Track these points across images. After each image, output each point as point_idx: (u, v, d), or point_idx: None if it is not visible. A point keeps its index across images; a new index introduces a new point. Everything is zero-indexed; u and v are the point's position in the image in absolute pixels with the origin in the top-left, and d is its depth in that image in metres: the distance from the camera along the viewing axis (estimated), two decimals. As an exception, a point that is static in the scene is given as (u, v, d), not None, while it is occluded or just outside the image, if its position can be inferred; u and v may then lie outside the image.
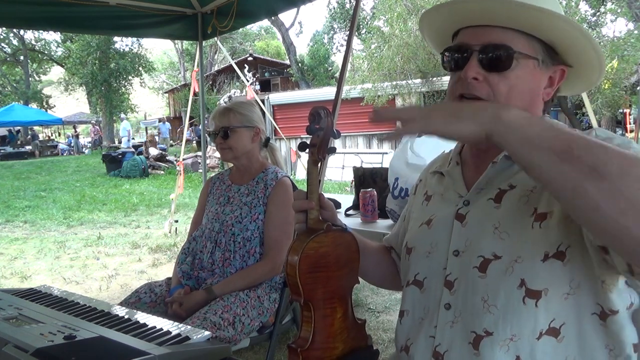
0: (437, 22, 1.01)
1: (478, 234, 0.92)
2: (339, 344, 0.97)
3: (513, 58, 0.89)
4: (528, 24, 0.89)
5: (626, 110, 11.41)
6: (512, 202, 0.89)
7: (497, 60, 0.89)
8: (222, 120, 2.10)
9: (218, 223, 2.07)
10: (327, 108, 1.00)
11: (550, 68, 0.94)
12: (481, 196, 0.95)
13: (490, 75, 0.90)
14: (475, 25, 0.93)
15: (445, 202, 1.03)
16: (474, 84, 0.91)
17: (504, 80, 0.90)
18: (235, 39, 33.66)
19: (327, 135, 0.98)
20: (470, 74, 0.91)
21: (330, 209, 1.05)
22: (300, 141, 1.01)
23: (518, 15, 0.88)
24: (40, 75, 34.68)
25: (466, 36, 0.95)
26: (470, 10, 0.92)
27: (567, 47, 0.92)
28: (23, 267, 5.09)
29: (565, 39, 0.90)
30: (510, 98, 0.90)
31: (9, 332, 0.94)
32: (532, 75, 0.91)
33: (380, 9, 12.01)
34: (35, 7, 3.21)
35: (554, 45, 0.92)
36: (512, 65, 0.89)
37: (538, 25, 0.89)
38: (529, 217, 0.86)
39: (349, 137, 12.81)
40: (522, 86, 0.91)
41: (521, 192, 0.89)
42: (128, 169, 13.60)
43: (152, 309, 1.95)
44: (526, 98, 0.92)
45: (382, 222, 2.59)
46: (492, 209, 0.92)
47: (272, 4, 3.49)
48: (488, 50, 0.90)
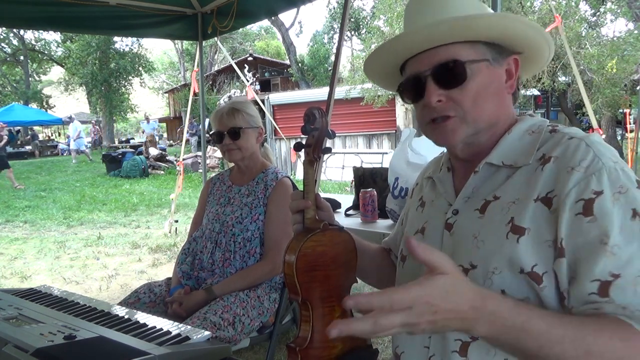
0: (382, 62, 1.02)
1: (462, 243, 0.92)
2: (337, 343, 0.97)
3: (466, 68, 0.90)
4: (466, 34, 0.90)
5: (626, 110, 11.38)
6: (494, 213, 0.89)
7: (453, 76, 0.90)
8: (231, 121, 2.07)
9: (218, 223, 2.07)
10: (321, 108, 1.01)
11: (503, 62, 0.95)
12: (469, 205, 0.95)
13: (451, 92, 0.91)
14: (419, 53, 0.94)
15: (436, 210, 1.03)
16: (440, 106, 0.92)
17: (466, 92, 0.91)
18: (235, 39, 33.64)
19: (322, 135, 0.99)
20: (432, 99, 0.91)
21: (326, 209, 1.05)
22: (296, 141, 1.02)
23: (453, 30, 0.89)
24: (40, 75, 34.65)
25: (414, 65, 0.95)
26: (410, 41, 0.93)
27: (509, 38, 0.93)
28: (23, 267, 5.09)
29: (503, 32, 0.91)
30: (477, 106, 0.91)
31: (9, 332, 0.94)
32: (489, 76, 0.92)
33: (380, 8, 11.99)
34: (35, 7, 3.21)
35: (497, 42, 0.93)
36: (467, 75, 0.90)
37: (475, 31, 0.90)
38: (505, 225, 0.86)
39: (349, 137, 12.80)
40: (485, 91, 0.91)
41: (504, 203, 0.89)
42: (128, 169, 13.60)
43: (152, 309, 1.95)
44: (493, 100, 0.93)
45: (382, 222, 2.59)
46: (477, 219, 0.92)
47: (272, 4, 3.49)
48: (440, 70, 0.91)
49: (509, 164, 0.91)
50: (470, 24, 0.89)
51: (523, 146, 0.92)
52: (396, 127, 12.09)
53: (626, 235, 0.76)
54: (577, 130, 0.89)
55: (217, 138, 2.11)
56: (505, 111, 0.95)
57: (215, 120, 2.12)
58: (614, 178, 0.79)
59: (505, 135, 0.94)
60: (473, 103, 0.91)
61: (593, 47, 9.80)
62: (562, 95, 12.55)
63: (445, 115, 0.92)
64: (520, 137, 0.93)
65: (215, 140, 2.13)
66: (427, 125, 0.96)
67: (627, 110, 11.39)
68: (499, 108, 0.94)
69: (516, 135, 0.94)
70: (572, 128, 0.91)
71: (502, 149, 0.93)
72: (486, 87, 0.92)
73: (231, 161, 2.17)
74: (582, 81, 4.90)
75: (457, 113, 0.91)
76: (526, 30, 0.92)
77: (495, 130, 0.95)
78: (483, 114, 0.92)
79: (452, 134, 0.93)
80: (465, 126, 0.92)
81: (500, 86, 0.94)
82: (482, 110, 0.92)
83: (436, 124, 0.94)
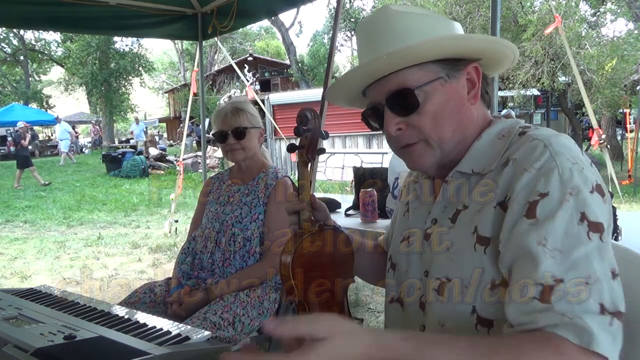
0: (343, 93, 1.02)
1: (437, 255, 0.91)
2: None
3: (415, 95, 0.88)
4: (413, 58, 0.88)
5: (626, 110, 11.39)
6: (463, 223, 0.88)
7: (405, 103, 0.89)
8: (235, 120, 2.06)
9: (218, 223, 2.07)
10: (314, 110, 1.02)
11: (461, 73, 0.92)
12: (445, 215, 0.93)
13: (409, 118, 0.90)
14: (374, 81, 0.93)
15: (418, 218, 1.02)
16: (401, 134, 0.91)
17: (424, 115, 0.89)
18: (235, 39, 33.64)
19: (315, 136, 1.00)
20: (391, 129, 0.91)
21: (322, 209, 1.05)
22: (289, 143, 1.02)
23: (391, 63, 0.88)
24: (40, 75, 34.66)
25: (372, 94, 0.95)
26: (361, 73, 0.92)
27: (460, 53, 0.91)
28: (23, 267, 5.09)
29: (444, 52, 0.89)
30: (438, 128, 0.89)
31: (9, 332, 0.94)
32: (445, 94, 0.89)
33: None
34: (35, 7, 3.21)
35: (448, 58, 0.90)
36: (419, 101, 0.88)
37: (422, 54, 0.88)
38: (471, 235, 0.85)
39: (349, 137, 12.81)
40: (443, 109, 0.89)
41: (471, 212, 0.87)
42: (128, 169, 13.60)
43: (152, 309, 1.94)
44: (454, 116, 0.90)
45: (382, 222, 2.59)
46: (450, 229, 0.90)
47: (272, 4, 3.49)
48: (393, 99, 0.90)
49: (477, 171, 0.90)
50: (406, 55, 0.86)
51: (492, 152, 0.89)
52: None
53: (571, 239, 0.73)
54: (545, 131, 0.86)
55: (220, 138, 2.10)
56: (472, 121, 0.93)
57: (218, 119, 2.10)
58: (565, 179, 0.76)
59: (474, 143, 0.92)
60: (433, 125, 0.89)
61: (593, 47, 9.81)
62: (562, 95, 12.55)
63: (407, 143, 0.92)
64: (490, 143, 0.91)
65: (218, 140, 2.12)
66: (398, 151, 0.96)
67: (627, 110, 11.40)
68: (463, 122, 0.91)
69: (485, 142, 0.91)
70: (542, 129, 0.88)
71: (471, 157, 0.91)
72: (444, 105, 0.89)
73: (234, 161, 2.16)
74: (582, 81, 4.91)
75: (419, 138, 0.90)
76: (468, 44, 0.91)
77: (464, 141, 0.93)
78: (446, 133, 0.90)
79: (419, 159, 0.93)
80: (431, 150, 0.91)
81: (460, 100, 0.91)
82: (444, 130, 0.90)
83: (404, 149, 0.94)
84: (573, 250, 0.73)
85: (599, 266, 0.73)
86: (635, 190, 8.11)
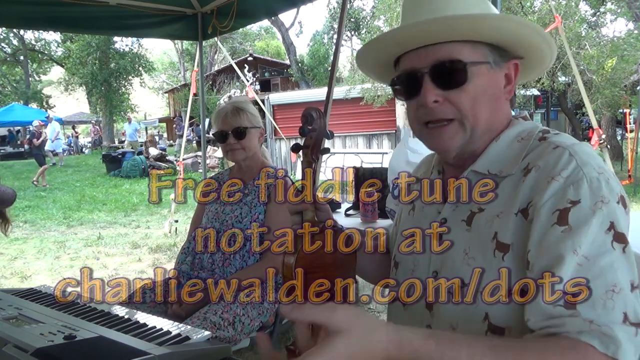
0: (375, 55, 0.97)
1: (451, 257, 0.90)
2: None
3: (467, 70, 0.86)
4: (469, 33, 0.86)
5: (626, 110, 11.39)
6: (480, 226, 0.87)
7: (452, 76, 0.86)
8: (235, 120, 2.06)
9: (218, 222, 2.07)
10: (319, 109, 1.00)
11: (504, 66, 0.91)
12: (457, 214, 0.92)
13: (449, 93, 0.86)
14: (417, 48, 0.88)
15: (426, 217, 1.00)
16: (436, 107, 0.87)
17: (465, 94, 0.86)
18: (235, 39, 33.62)
19: (320, 136, 0.98)
20: (429, 99, 0.86)
21: (325, 210, 1.04)
22: (294, 143, 1.02)
23: (455, 29, 0.85)
24: (40, 75, 34.64)
25: (410, 60, 0.90)
26: (408, 35, 0.87)
27: (514, 43, 0.89)
28: (23, 267, 5.09)
29: (509, 36, 0.88)
30: (475, 110, 0.87)
31: (9, 332, 0.94)
32: (488, 80, 0.88)
33: (380, 8, 11.99)
34: (35, 7, 3.21)
35: (499, 44, 0.89)
36: (468, 77, 0.86)
37: (481, 31, 0.86)
38: (490, 241, 0.84)
39: (349, 137, 12.81)
40: (484, 95, 0.88)
41: (489, 216, 0.86)
42: (128, 169, 13.61)
43: (152, 309, 1.94)
44: (491, 105, 0.89)
45: (382, 222, 2.60)
46: (465, 231, 0.89)
47: (272, 4, 3.49)
48: (439, 69, 0.86)
49: (494, 172, 0.88)
50: (475, 24, 0.85)
51: (510, 155, 0.88)
52: (396, 127, 12.10)
53: (598, 247, 0.73)
54: (566, 139, 0.85)
55: (220, 137, 2.10)
56: (501, 117, 0.92)
57: (219, 119, 2.10)
58: (594, 188, 0.76)
59: (492, 143, 0.91)
60: (472, 106, 0.87)
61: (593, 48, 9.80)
62: (562, 95, 12.55)
63: (442, 118, 0.88)
64: (508, 145, 0.90)
65: (218, 140, 2.12)
66: (422, 127, 0.92)
67: (627, 110, 11.39)
68: (495, 113, 0.90)
69: (504, 143, 0.90)
70: (562, 136, 0.87)
71: (488, 157, 0.90)
72: (485, 90, 0.88)
73: (234, 161, 2.16)
74: (582, 81, 4.90)
75: (454, 116, 0.87)
76: (532, 36, 0.88)
77: (489, 136, 0.91)
78: (481, 118, 0.88)
79: (449, 140, 0.89)
80: (463, 132, 0.89)
81: (498, 92, 0.90)
82: (481, 115, 0.88)
83: (432, 128, 0.90)
84: (599, 258, 0.73)
85: (623, 276, 0.73)
86: (635, 190, 8.11)
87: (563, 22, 7.31)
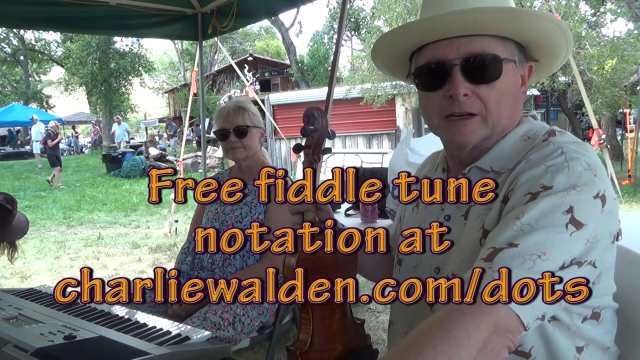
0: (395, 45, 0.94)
1: (450, 252, 0.90)
2: (338, 345, 0.97)
3: (502, 65, 0.84)
4: (510, 28, 0.84)
5: (626, 110, 11.38)
6: (473, 219, 0.87)
7: (485, 71, 0.84)
8: (237, 119, 2.06)
9: (218, 222, 2.07)
10: (320, 109, 1.00)
11: (524, 66, 0.90)
12: (458, 212, 0.92)
13: (479, 87, 0.85)
14: (447, 38, 0.85)
15: (429, 214, 1.00)
16: (465, 100, 0.85)
17: (493, 90, 0.85)
18: (235, 39, 33.61)
19: (322, 137, 0.98)
20: (460, 91, 0.84)
21: (326, 210, 1.04)
22: (296, 143, 1.01)
23: (501, 21, 0.83)
24: (40, 75, 34.64)
25: (439, 51, 0.86)
26: (443, 23, 0.84)
27: (542, 43, 0.88)
28: (23, 267, 5.09)
29: (541, 35, 0.86)
30: (500, 108, 0.86)
31: (9, 332, 0.94)
32: (513, 78, 0.88)
33: (380, 8, 11.99)
34: (35, 7, 3.21)
35: (527, 44, 0.88)
36: (501, 74, 0.84)
37: (520, 27, 0.84)
38: (478, 231, 0.84)
39: (349, 137, 12.80)
40: (508, 92, 0.87)
41: (481, 208, 0.86)
42: (128, 169, 13.61)
43: (152, 309, 1.94)
44: (513, 104, 0.89)
45: (382, 222, 2.60)
46: (462, 226, 0.89)
47: (272, 4, 3.49)
48: (472, 62, 0.84)
49: (496, 170, 0.88)
50: (518, 18, 0.82)
51: (513, 153, 0.88)
52: (396, 127, 12.09)
53: (547, 221, 0.71)
54: (568, 138, 0.85)
55: (221, 136, 2.10)
56: (517, 115, 0.92)
57: (220, 117, 2.11)
58: (572, 179, 0.75)
59: (500, 141, 0.90)
60: (497, 104, 0.86)
61: (593, 48, 9.79)
62: (562, 95, 12.55)
63: (468, 112, 0.86)
64: (514, 143, 0.89)
65: (219, 138, 2.12)
66: (442, 119, 0.89)
67: (627, 110, 11.39)
68: (514, 111, 0.90)
69: (511, 141, 0.90)
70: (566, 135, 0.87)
71: (493, 154, 0.90)
72: (509, 88, 0.87)
73: (234, 159, 2.16)
74: (582, 81, 4.90)
75: (479, 111, 0.86)
76: (560, 39, 0.86)
77: (502, 133, 0.91)
78: (503, 117, 0.87)
79: (471, 134, 0.87)
80: (485, 127, 0.87)
81: (518, 92, 0.90)
82: (503, 113, 0.87)
83: (453, 120, 0.88)
84: (545, 230, 0.71)
85: (559, 253, 0.70)
86: (635, 190, 8.10)
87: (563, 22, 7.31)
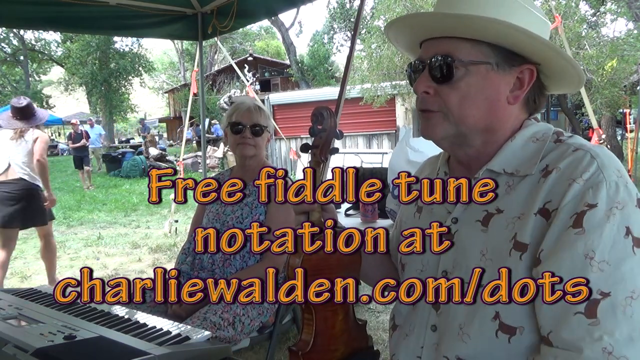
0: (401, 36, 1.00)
1: (465, 257, 0.90)
2: (340, 346, 0.97)
3: (453, 67, 0.87)
4: (467, 32, 0.86)
5: (626, 110, 11.38)
6: (499, 228, 0.86)
7: (442, 71, 0.88)
8: (255, 117, 2.09)
9: (219, 223, 2.07)
10: (329, 108, 0.98)
11: (513, 70, 0.88)
12: (468, 214, 0.92)
13: (441, 87, 0.89)
14: (430, 38, 0.92)
15: (434, 217, 1.00)
16: (426, 98, 0.90)
17: (454, 91, 0.88)
18: (235, 39, 33.61)
19: (330, 137, 0.97)
20: (419, 89, 0.90)
21: (330, 210, 1.03)
22: (303, 142, 1.00)
23: (455, 25, 0.87)
24: (40, 75, 34.62)
25: (423, 49, 0.94)
26: (418, 24, 0.92)
27: (516, 48, 0.87)
28: (23, 267, 5.09)
29: (505, 40, 0.86)
30: (463, 108, 0.88)
31: (9, 332, 0.94)
32: (485, 81, 0.87)
33: (380, 9, 11.99)
34: (35, 7, 3.21)
35: (505, 47, 0.87)
36: (454, 74, 0.87)
37: (478, 32, 0.86)
38: (509, 241, 0.84)
39: (349, 137, 12.81)
40: (476, 94, 0.87)
41: (509, 218, 0.85)
42: (128, 169, 13.62)
43: (152, 309, 1.94)
44: (482, 105, 0.88)
45: (382, 222, 2.60)
46: (480, 232, 0.89)
47: (272, 4, 3.49)
48: (434, 62, 0.89)
49: (510, 171, 0.88)
50: (469, 24, 0.85)
51: (526, 154, 0.88)
52: (396, 127, 12.10)
53: (618, 253, 0.74)
54: (582, 141, 0.86)
55: (235, 129, 2.10)
56: (503, 120, 0.91)
57: (239, 112, 2.11)
58: (612, 193, 0.77)
59: (507, 142, 0.91)
60: (458, 103, 0.88)
61: (593, 48, 9.79)
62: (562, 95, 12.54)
63: (428, 109, 0.91)
64: (523, 145, 0.90)
65: (233, 131, 2.11)
66: (419, 113, 0.96)
67: (627, 110, 11.39)
68: (492, 115, 0.89)
69: (519, 143, 0.90)
70: (576, 138, 0.87)
71: (504, 156, 0.90)
72: (479, 90, 0.87)
73: (242, 155, 2.14)
74: (582, 81, 4.89)
75: (440, 109, 0.90)
76: (532, 44, 0.86)
77: (494, 137, 0.91)
78: (468, 117, 0.88)
79: (432, 128, 0.92)
80: (447, 123, 0.90)
81: (497, 94, 0.89)
82: (468, 113, 0.88)
83: (423, 115, 0.94)
84: (620, 264, 0.74)
85: None
86: (635, 190, 8.10)
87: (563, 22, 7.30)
